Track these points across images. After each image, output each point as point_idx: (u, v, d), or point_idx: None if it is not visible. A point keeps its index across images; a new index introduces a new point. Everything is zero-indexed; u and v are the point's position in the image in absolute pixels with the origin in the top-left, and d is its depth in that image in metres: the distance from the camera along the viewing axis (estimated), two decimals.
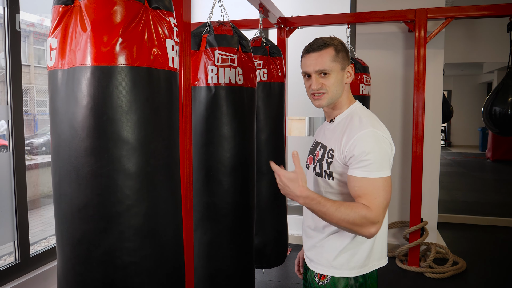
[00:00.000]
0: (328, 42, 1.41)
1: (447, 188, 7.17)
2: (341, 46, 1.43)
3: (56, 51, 1.24)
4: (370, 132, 1.33)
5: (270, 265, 3.07)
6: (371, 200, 1.27)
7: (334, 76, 1.40)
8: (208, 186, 2.12)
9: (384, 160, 1.31)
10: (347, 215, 1.25)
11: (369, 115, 1.42)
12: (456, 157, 12.09)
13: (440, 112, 3.91)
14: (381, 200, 1.28)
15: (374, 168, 1.29)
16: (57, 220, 1.29)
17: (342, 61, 1.41)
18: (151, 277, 1.28)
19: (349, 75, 1.44)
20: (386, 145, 1.34)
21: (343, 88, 1.44)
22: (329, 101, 1.43)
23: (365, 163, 1.29)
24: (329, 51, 1.40)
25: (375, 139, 1.32)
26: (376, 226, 1.27)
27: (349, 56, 1.46)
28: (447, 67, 9.73)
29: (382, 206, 1.28)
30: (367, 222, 1.25)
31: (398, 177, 4.07)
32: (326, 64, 1.39)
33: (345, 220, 1.26)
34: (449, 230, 4.73)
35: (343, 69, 1.42)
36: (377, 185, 1.28)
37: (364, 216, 1.25)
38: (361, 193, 1.29)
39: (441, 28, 3.46)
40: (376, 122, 1.40)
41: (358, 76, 3.43)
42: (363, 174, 1.30)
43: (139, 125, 1.22)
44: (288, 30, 3.75)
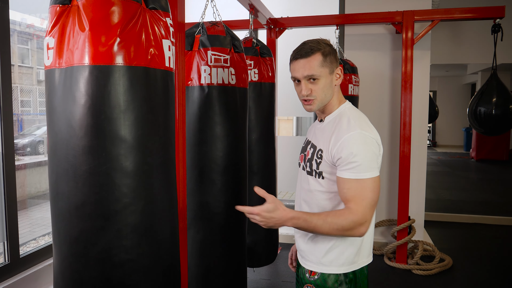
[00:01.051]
0: (315, 48, 1.41)
1: (433, 187, 7.29)
2: (329, 49, 1.43)
3: (53, 51, 1.25)
4: (357, 134, 1.34)
5: (261, 263, 3.09)
6: (360, 202, 1.31)
7: (323, 81, 1.41)
8: (201, 185, 2.14)
9: (371, 160, 1.34)
10: (336, 224, 1.30)
11: (357, 116, 1.44)
12: (441, 156, 12.28)
13: (426, 112, 3.98)
14: (369, 200, 1.32)
15: (362, 169, 1.32)
16: (54, 218, 1.29)
17: (330, 65, 1.41)
18: (147, 274, 1.30)
19: (338, 77, 1.45)
20: (374, 146, 1.36)
21: (333, 91, 1.45)
22: (319, 105, 1.44)
23: (353, 164, 1.32)
24: (317, 57, 1.40)
25: (362, 141, 1.34)
26: (364, 225, 1.32)
27: (337, 57, 1.46)
28: (432, 68, 9.88)
29: (369, 206, 1.32)
30: (355, 226, 1.30)
31: (386, 176, 4.13)
32: (314, 70, 1.39)
33: (335, 228, 1.30)
34: (436, 228, 4.82)
35: (332, 72, 1.43)
36: (365, 186, 1.32)
37: (352, 220, 1.30)
38: (350, 195, 1.33)
39: (428, 29, 3.53)
40: (364, 123, 1.41)
41: (347, 76, 3.48)
42: (351, 176, 1.32)
43: (137, 124, 1.24)
44: (278, 31, 3.78)
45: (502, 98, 3.89)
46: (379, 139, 1.41)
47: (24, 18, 5.93)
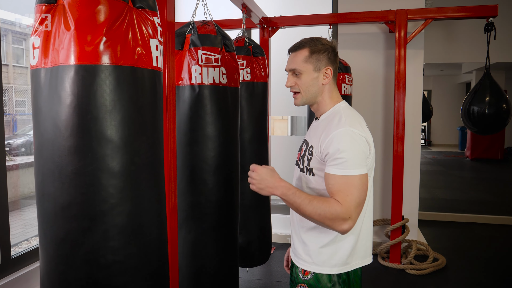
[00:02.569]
0: (306, 43, 1.45)
1: (427, 186, 7.31)
2: (322, 47, 1.44)
3: (39, 50, 1.24)
4: (345, 131, 1.34)
5: (254, 263, 3.09)
6: (344, 197, 1.29)
7: (305, 77, 1.44)
8: (193, 185, 2.13)
9: (359, 158, 1.33)
10: (319, 209, 1.28)
11: (350, 115, 1.43)
12: (436, 156, 12.31)
13: (420, 112, 3.99)
14: (354, 197, 1.30)
15: (348, 165, 1.31)
16: (40, 219, 1.28)
17: (316, 62, 1.43)
18: (135, 276, 1.29)
19: (326, 77, 1.45)
20: (363, 144, 1.35)
21: (319, 89, 1.46)
22: (303, 100, 1.48)
23: (340, 160, 1.31)
24: (303, 52, 1.44)
25: (350, 138, 1.33)
26: (347, 222, 1.28)
27: (332, 57, 1.45)
28: (427, 67, 9.92)
29: (354, 203, 1.29)
30: (338, 218, 1.28)
31: (379, 175, 4.13)
32: (297, 64, 1.44)
33: (317, 213, 1.29)
34: (429, 227, 4.83)
35: (318, 70, 1.43)
36: (351, 183, 1.30)
37: (335, 211, 1.27)
38: (335, 190, 1.31)
39: (421, 29, 3.53)
40: (355, 121, 1.40)
41: (340, 76, 3.48)
42: (337, 172, 1.32)
43: (123, 124, 1.23)
44: (271, 30, 3.78)
45: (495, 97, 3.90)
46: (370, 138, 1.40)
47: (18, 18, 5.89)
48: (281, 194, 1.35)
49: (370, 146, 1.38)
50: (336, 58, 1.47)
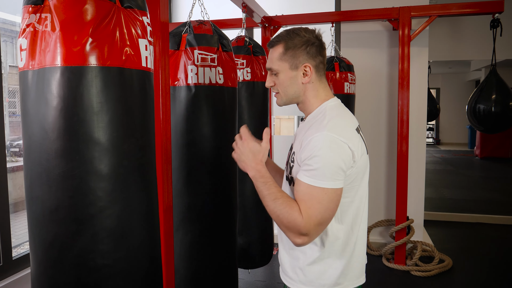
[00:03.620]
0: (281, 38, 1.30)
1: (435, 186, 7.22)
2: (299, 41, 1.28)
3: (26, 52, 1.22)
4: (323, 136, 1.18)
5: (256, 265, 3.06)
6: (305, 209, 1.16)
7: (282, 76, 1.31)
8: (189, 187, 2.11)
9: (331, 169, 1.16)
10: (279, 211, 1.17)
11: (336, 116, 1.27)
12: (444, 154, 12.19)
13: (425, 110, 3.93)
14: (315, 212, 1.15)
15: (316, 175, 1.16)
16: (29, 222, 1.27)
17: (291, 60, 1.28)
18: (125, 279, 1.27)
19: (306, 75, 1.30)
20: (342, 153, 1.18)
21: (299, 88, 1.32)
22: (284, 100, 1.35)
23: (309, 167, 1.17)
24: (278, 48, 1.30)
25: (327, 144, 1.17)
26: (303, 238, 1.16)
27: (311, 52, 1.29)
28: (435, 65, 9.82)
29: (314, 219, 1.15)
30: (295, 229, 1.16)
31: (384, 175, 4.09)
32: (273, 62, 1.32)
33: (276, 214, 1.19)
34: (436, 227, 4.77)
35: (295, 68, 1.29)
36: (314, 195, 1.16)
37: (294, 221, 1.15)
38: (298, 198, 1.19)
39: (425, 26, 3.48)
40: (339, 124, 1.24)
41: (343, 74, 3.44)
42: (304, 179, 1.18)
43: (111, 125, 1.21)
44: (272, 29, 3.75)
45: (502, 95, 3.83)
46: (356, 145, 1.22)
47: None
48: (252, 177, 1.25)
49: (355, 155, 1.21)
50: (320, 51, 1.30)
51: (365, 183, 1.32)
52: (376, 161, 4.06)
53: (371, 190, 4.07)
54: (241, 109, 2.91)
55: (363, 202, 1.32)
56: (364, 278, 1.36)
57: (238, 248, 3.01)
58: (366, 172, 1.31)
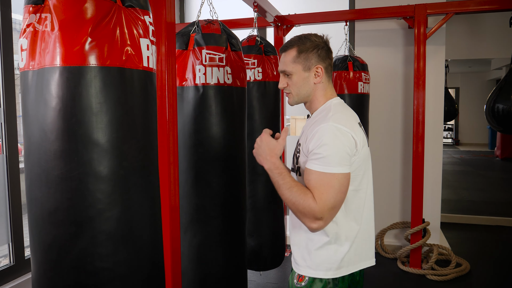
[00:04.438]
0: (294, 43, 1.43)
1: (453, 187, 7.06)
2: (310, 45, 1.41)
3: (26, 52, 1.21)
4: (329, 126, 1.30)
5: (267, 267, 3.02)
6: (319, 195, 1.25)
7: (295, 77, 1.42)
8: (198, 188, 2.08)
9: (339, 155, 1.28)
10: (295, 198, 1.27)
11: (340, 111, 1.40)
12: (464, 155, 11.93)
13: (442, 110, 3.83)
14: (328, 197, 1.25)
15: (327, 162, 1.26)
16: (29, 224, 1.26)
17: (304, 62, 1.40)
18: (125, 283, 1.25)
19: (317, 75, 1.42)
20: (347, 141, 1.30)
21: (310, 88, 1.43)
22: (295, 100, 1.46)
23: (318, 155, 1.28)
24: (291, 52, 1.42)
25: (333, 133, 1.29)
26: (318, 222, 1.26)
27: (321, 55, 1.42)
28: (453, 64, 9.60)
29: (328, 203, 1.25)
30: (310, 215, 1.25)
31: (399, 176, 4.00)
32: (286, 65, 1.43)
33: (292, 202, 1.28)
34: (453, 230, 4.64)
35: (307, 69, 1.41)
36: (326, 181, 1.26)
37: (309, 206, 1.24)
38: (311, 186, 1.28)
39: (441, 23, 3.39)
40: (343, 117, 1.36)
41: (357, 74, 3.37)
42: (314, 167, 1.28)
43: (110, 126, 1.19)
44: (285, 29, 3.70)
45: None
46: (358, 136, 1.34)
47: None
48: (268, 169, 1.36)
49: (357, 144, 1.33)
50: (328, 54, 1.44)
51: (369, 175, 1.43)
52: (391, 162, 3.98)
53: (386, 191, 4.01)
54: (253, 109, 2.87)
55: (368, 193, 1.42)
56: (373, 261, 1.47)
57: (250, 249, 2.98)
58: (369, 164, 1.43)
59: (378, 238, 3.98)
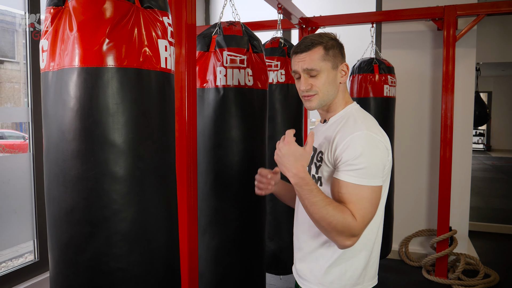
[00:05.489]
0: (317, 41, 1.30)
1: (483, 195, 6.82)
2: (333, 42, 1.32)
3: (47, 53, 1.23)
4: (364, 135, 1.20)
5: (287, 271, 2.99)
6: (356, 211, 1.15)
7: (324, 76, 1.29)
8: (217, 190, 2.08)
9: (376, 167, 1.19)
10: (332, 216, 1.14)
11: (365, 117, 1.31)
12: (495, 161, 11.52)
13: (471, 115, 3.70)
14: (366, 212, 1.17)
15: (363, 174, 1.17)
16: (48, 223, 1.28)
17: (333, 59, 1.30)
18: (139, 284, 1.24)
19: (343, 74, 1.34)
20: (382, 151, 1.22)
21: (337, 88, 1.33)
22: (320, 103, 1.32)
23: (354, 167, 1.17)
24: (318, 50, 1.29)
25: (368, 143, 1.20)
26: (353, 239, 1.17)
27: (343, 52, 1.36)
28: (485, 67, 9.29)
29: (366, 219, 1.17)
30: (347, 232, 1.15)
31: (425, 182, 3.89)
32: (315, 63, 1.28)
33: (328, 221, 1.14)
34: (482, 239, 4.48)
35: (335, 67, 1.31)
36: (364, 195, 1.17)
37: (348, 225, 1.14)
38: (346, 200, 1.17)
39: (472, 25, 3.28)
40: (373, 124, 1.28)
41: (382, 77, 3.30)
42: (350, 179, 1.18)
43: (127, 127, 1.19)
44: (310, 31, 3.67)
45: None
46: (388, 144, 1.26)
47: None
48: (295, 184, 1.19)
49: (389, 154, 1.25)
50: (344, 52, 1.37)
51: (387, 184, 1.32)
52: (417, 167, 3.88)
53: (412, 197, 3.91)
54: (275, 112, 2.85)
55: (384, 204, 1.32)
56: (376, 281, 1.36)
57: (270, 253, 2.95)
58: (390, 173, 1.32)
59: (403, 245, 3.88)
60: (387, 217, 3.22)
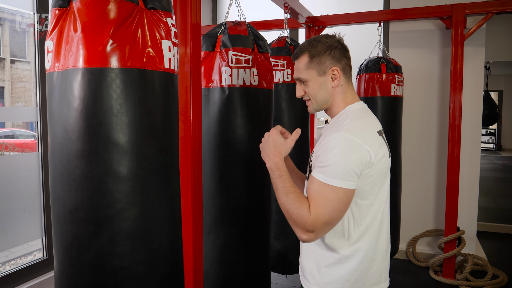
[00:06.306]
0: (304, 48, 1.34)
1: (493, 195, 6.74)
2: (321, 47, 1.31)
3: (52, 54, 1.25)
4: (339, 136, 1.20)
5: (294, 270, 2.99)
6: (314, 207, 1.18)
7: (311, 84, 1.33)
8: (222, 189, 2.08)
9: (342, 168, 1.17)
10: (290, 205, 1.20)
11: (358, 118, 1.29)
12: (506, 161, 11.38)
13: (480, 114, 3.67)
14: (323, 211, 1.16)
15: (330, 173, 1.18)
16: (52, 222, 1.30)
17: (318, 66, 1.31)
18: (143, 283, 1.26)
19: (334, 78, 1.32)
20: (358, 153, 1.19)
21: (329, 92, 1.33)
22: (315, 107, 1.37)
23: (321, 164, 1.20)
24: (303, 58, 1.34)
25: (342, 143, 1.19)
26: (308, 235, 1.18)
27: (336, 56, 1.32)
28: (496, 66, 9.18)
29: (322, 218, 1.16)
30: (301, 225, 1.18)
31: (433, 182, 3.86)
32: (300, 72, 1.35)
33: (286, 208, 1.22)
34: (491, 240, 4.43)
35: (322, 74, 1.32)
36: (325, 194, 1.17)
37: (302, 217, 1.18)
38: (309, 195, 1.21)
39: (481, 24, 3.24)
40: (360, 126, 1.25)
41: (390, 76, 3.28)
42: (317, 175, 1.21)
43: (130, 127, 1.20)
44: (317, 30, 3.65)
45: None
46: (374, 147, 1.22)
47: None
48: (268, 167, 1.30)
49: (372, 156, 1.21)
50: (344, 53, 1.33)
51: (386, 186, 1.32)
52: (425, 167, 3.85)
53: (419, 196, 3.88)
54: (281, 111, 2.85)
55: (383, 205, 1.31)
56: (388, 283, 1.35)
57: (276, 253, 2.96)
58: (387, 176, 1.32)
59: (410, 245, 3.86)
60: (393, 217, 3.21)
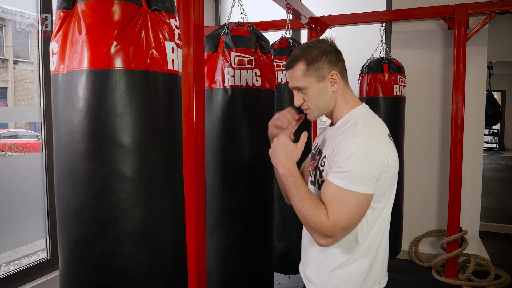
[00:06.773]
0: (298, 56, 1.31)
1: (496, 195, 6.73)
2: (317, 53, 1.29)
3: (57, 56, 1.26)
4: (359, 140, 1.18)
5: (296, 270, 3.00)
6: (333, 213, 1.16)
7: (311, 91, 1.30)
8: (225, 190, 2.09)
9: (362, 173, 1.16)
10: (307, 211, 1.18)
11: (370, 121, 1.28)
12: (509, 161, 11.35)
13: (483, 114, 3.66)
14: (343, 217, 1.15)
15: (350, 178, 1.16)
16: (57, 222, 1.31)
17: (316, 72, 1.29)
18: (147, 282, 1.27)
19: (334, 82, 1.31)
20: (377, 158, 1.18)
21: (330, 97, 1.32)
22: (316, 114, 1.34)
23: (341, 169, 1.17)
24: (300, 66, 1.30)
25: (362, 148, 1.17)
26: (327, 240, 1.17)
27: (332, 60, 1.30)
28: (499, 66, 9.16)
29: (341, 223, 1.16)
30: (319, 231, 1.17)
31: (436, 182, 3.86)
32: (298, 81, 1.31)
33: (303, 215, 1.20)
34: (494, 240, 4.43)
35: (321, 79, 1.29)
36: (343, 198, 1.16)
37: (320, 223, 1.16)
38: (326, 200, 1.19)
39: (483, 24, 3.24)
40: (374, 130, 1.24)
41: (392, 76, 3.29)
42: (334, 181, 1.18)
43: (134, 128, 1.21)
44: (319, 30, 3.66)
45: None
46: (389, 151, 1.22)
47: None
48: (282, 175, 1.27)
49: (389, 160, 1.21)
50: (338, 56, 1.32)
51: (393, 192, 1.31)
52: (427, 167, 3.85)
53: (422, 197, 3.89)
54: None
55: (391, 208, 1.31)
56: (387, 278, 1.36)
57: (279, 253, 2.96)
58: (394, 181, 1.30)
59: (413, 246, 3.86)
60: (396, 217, 3.21)
